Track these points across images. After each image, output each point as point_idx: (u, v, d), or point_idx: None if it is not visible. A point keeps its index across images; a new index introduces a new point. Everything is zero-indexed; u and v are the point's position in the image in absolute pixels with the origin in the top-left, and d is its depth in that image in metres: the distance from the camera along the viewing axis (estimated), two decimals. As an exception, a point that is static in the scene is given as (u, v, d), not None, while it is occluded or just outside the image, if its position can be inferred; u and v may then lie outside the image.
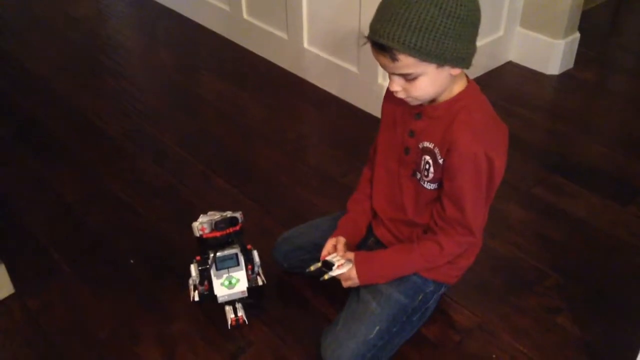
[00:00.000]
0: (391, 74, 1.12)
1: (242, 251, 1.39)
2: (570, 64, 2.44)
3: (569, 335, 1.40)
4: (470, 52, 1.10)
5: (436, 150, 1.18)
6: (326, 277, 1.29)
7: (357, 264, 1.28)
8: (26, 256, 1.64)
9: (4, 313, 1.48)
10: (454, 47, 1.05)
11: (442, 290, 1.37)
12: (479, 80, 2.31)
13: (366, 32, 1.09)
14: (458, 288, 1.45)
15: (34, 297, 1.51)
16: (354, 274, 1.28)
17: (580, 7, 2.31)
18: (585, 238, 1.67)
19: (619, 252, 1.62)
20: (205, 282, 1.38)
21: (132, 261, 1.61)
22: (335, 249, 1.32)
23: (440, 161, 1.18)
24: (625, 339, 1.34)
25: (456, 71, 1.11)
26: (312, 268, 1.32)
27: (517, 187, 1.83)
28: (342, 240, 1.33)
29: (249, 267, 1.40)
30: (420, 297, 1.31)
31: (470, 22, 1.06)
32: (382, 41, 1.04)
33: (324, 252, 1.32)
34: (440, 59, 1.06)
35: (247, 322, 1.41)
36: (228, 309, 1.42)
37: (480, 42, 1.11)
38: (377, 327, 1.26)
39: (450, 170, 1.17)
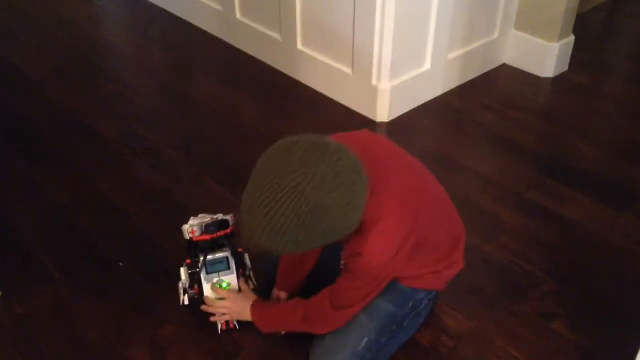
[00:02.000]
0: None
1: (233, 254, 1.37)
2: (565, 67, 2.44)
3: (564, 340, 1.39)
4: (359, 216, 1.00)
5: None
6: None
7: (254, 315, 1.32)
8: (16, 259, 1.62)
9: (-9, 317, 1.46)
10: (337, 235, 0.98)
11: (433, 294, 1.35)
12: (473, 82, 2.32)
13: (361, 38, 1.05)
14: (452, 293, 1.43)
15: (22, 300, 1.49)
16: (234, 309, 1.33)
17: (575, 10, 2.31)
18: (581, 243, 1.65)
19: (615, 257, 1.61)
20: (196, 286, 1.36)
21: (121, 264, 1.59)
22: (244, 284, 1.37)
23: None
24: (622, 345, 1.33)
25: None
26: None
27: (512, 192, 1.82)
28: (283, 295, 1.38)
29: (240, 270, 1.38)
30: (411, 304, 1.29)
31: (350, 211, 0.96)
32: (262, 251, 1.00)
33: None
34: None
35: (237, 327, 1.39)
36: (219, 313, 1.40)
37: (475, 45, 1.10)
38: (366, 339, 1.23)
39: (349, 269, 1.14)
